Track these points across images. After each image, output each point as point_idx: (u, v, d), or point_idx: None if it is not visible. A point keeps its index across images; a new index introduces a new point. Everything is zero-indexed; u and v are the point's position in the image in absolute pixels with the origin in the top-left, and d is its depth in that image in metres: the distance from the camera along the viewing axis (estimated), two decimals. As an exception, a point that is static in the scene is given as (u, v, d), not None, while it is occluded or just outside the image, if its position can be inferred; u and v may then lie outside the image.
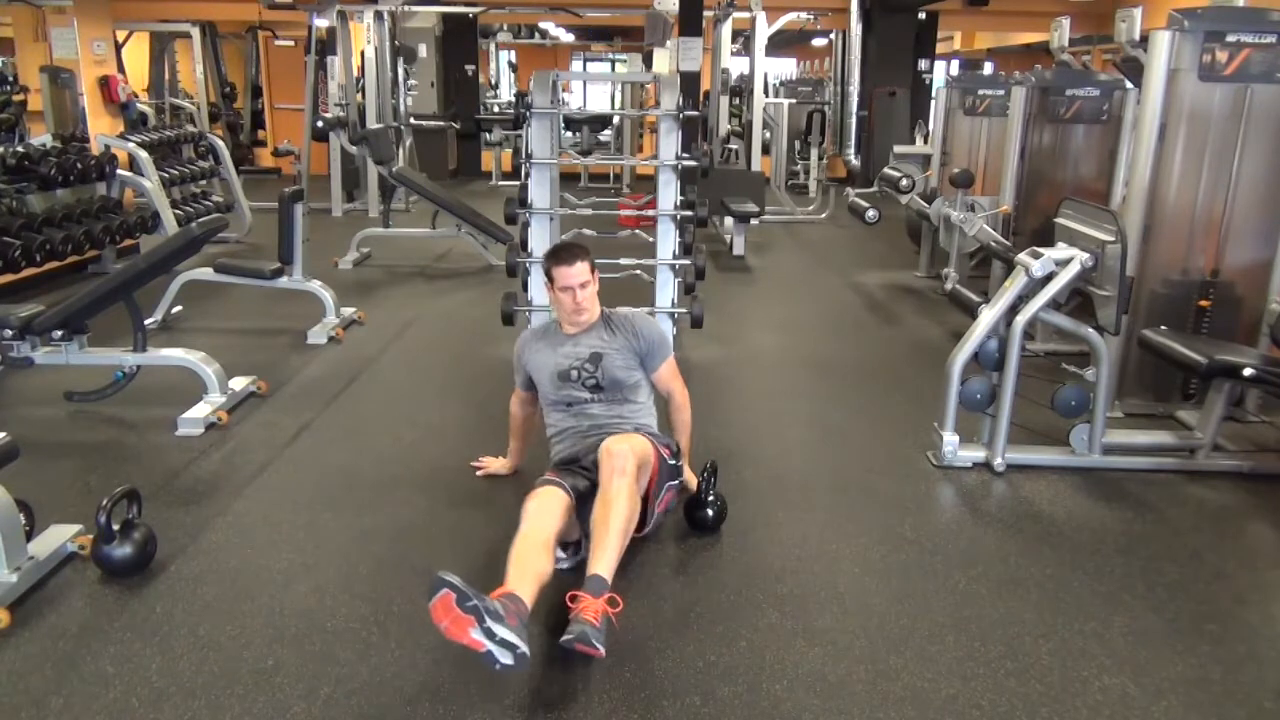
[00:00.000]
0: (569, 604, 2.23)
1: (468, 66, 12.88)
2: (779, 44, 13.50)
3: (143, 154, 6.65)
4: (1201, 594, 2.66)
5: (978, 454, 3.48)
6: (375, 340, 5.05)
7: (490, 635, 2.02)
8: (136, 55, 10.87)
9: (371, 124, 8.71)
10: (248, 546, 2.79)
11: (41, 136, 6.76)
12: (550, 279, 2.89)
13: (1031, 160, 5.50)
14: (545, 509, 2.46)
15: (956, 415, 3.45)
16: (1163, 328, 3.67)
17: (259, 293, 5.58)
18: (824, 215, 9.72)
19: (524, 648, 2.04)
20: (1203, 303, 3.88)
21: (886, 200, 6.89)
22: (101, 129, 6.94)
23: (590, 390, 2.88)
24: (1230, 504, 3.26)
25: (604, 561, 2.30)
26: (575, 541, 2.64)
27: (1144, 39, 3.97)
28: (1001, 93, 6.35)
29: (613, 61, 18.02)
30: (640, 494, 2.53)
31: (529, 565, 2.28)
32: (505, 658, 2.02)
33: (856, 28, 10.95)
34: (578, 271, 2.84)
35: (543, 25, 16.12)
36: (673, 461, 2.81)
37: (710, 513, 2.91)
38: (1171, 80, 3.74)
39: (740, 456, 3.55)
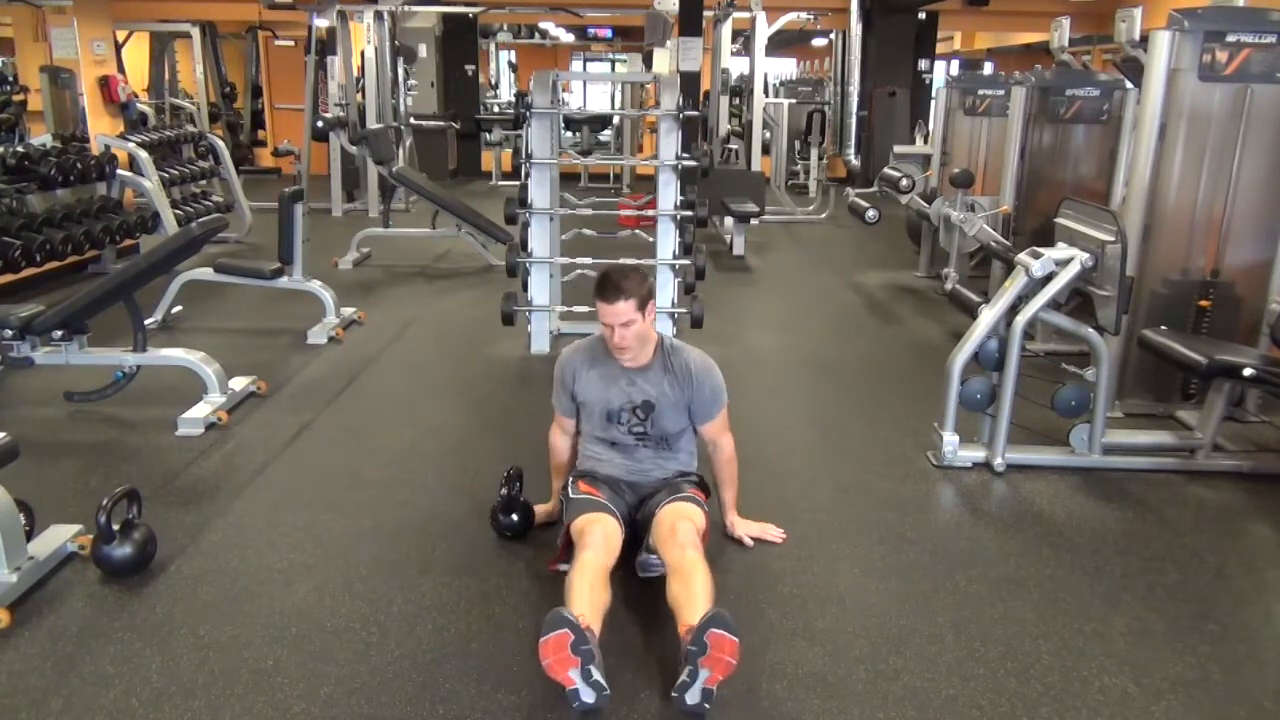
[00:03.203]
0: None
1: (468, 66, 12.88)
2: (779, 44, 13.49)
3: (143, 154, 6.65)
4: (1201, 594, 2.66)
5: (978, 454, 3.48)
6: (375, 340, 5.05)
7: (587, 676, 2.03)
8: (136, 55, 10.87)
9: (371, 124, 8.71)
10: (248, 546, 2.79)
11: (41, 136, 6.77)
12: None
13: (1031, 160, 5.50)
14: (607, 538, 2.40)
15: (956, 415, 3.45)
16: (1163, 328, 3.67)
17: (259, 293, 5.59)
18: (824, 215, 9.72)
19: (608, 690, 2.05)
20: (1203, 303, 3.88)
21: (886, 200, 6.89)
22: (101, 129, 6.94)
23: (636, 437, 2.69)
24: (1230, 504, 3.26)
25: (701, 612, 2.15)
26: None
27: (1144, 39, 3.97)
28: (1001, 93, 6.35)
29: (613, 61, 18.01)
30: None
31: (598, 599, 2.23)
32: (589, 697, 2.03)
33: (856, 28, 10.94)
34: (619, 311, 2.48)
35: (543, 25, 16.12)
36: (706, 507, 2.67)
37: None
38: (1171, 80, 3.74)
39: (740, 457, 3.53)
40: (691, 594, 2.23)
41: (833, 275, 7.12)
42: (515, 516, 2.83)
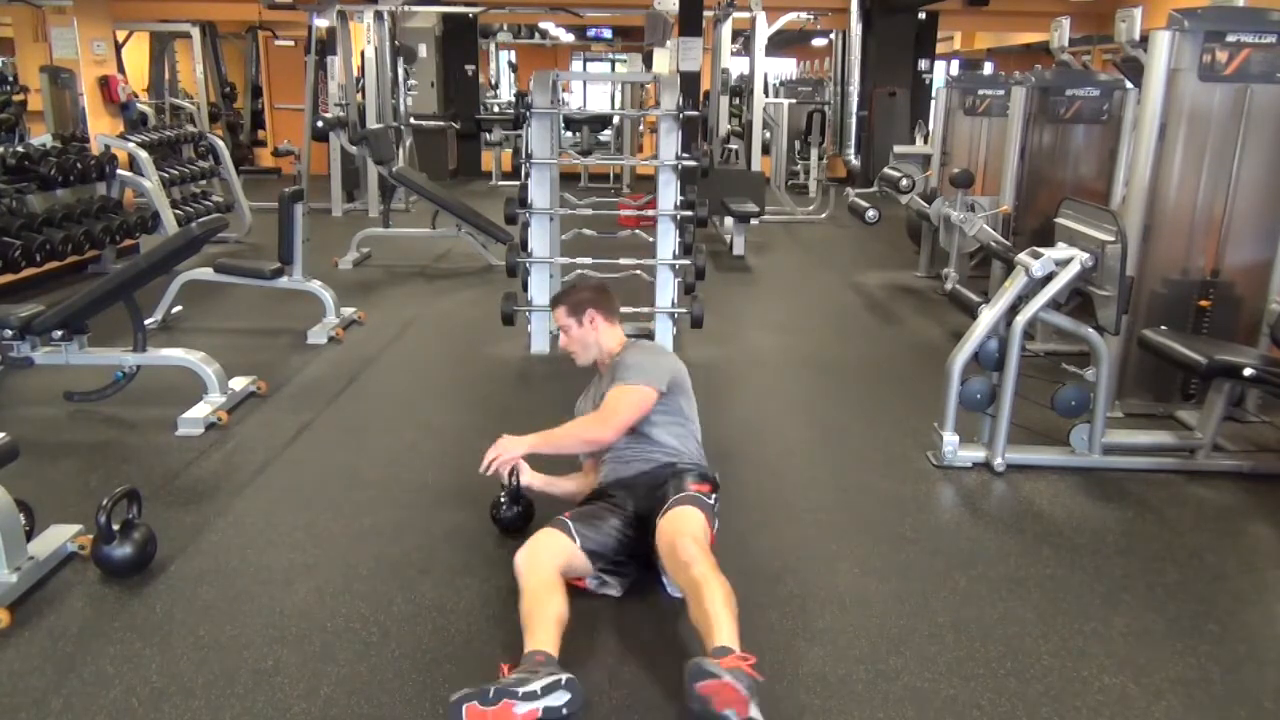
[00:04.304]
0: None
1: (468, 66, 12.88)
2: (779, 44, 13.49)
3: (143, 154, 6.65)
4: (1201, 594, 2.66)
5: (978, 454, 3.48)
6: (375, 340, 5.05)
7: (532, 697, 1.94)
8: (136, 55, 10.87)
9: (371, 124, 8.71)
10: (248, 546, 2.79)
11: (41, 136, 6.77)
12: None
13: (1031, 160, 5.50)
14: (537, 556, 2.36)
15: (956, 415, 3.45)
16: (1163, 328, 3.67)
17: (259, 293, 5.59)
18: (824, 215, 9.72)
19: (564, 675, 1.98)
20: (1203, 303, 3.88)
21: (886, 200, 6.89)
22: (101, 129, 6.94)
23: None
24: (1230, 504, 3.26)
25: (724, 632, 2.07)
26: (621, 562, 2.54)
27: (1144, 39, 3.97)
28: (1001, 93, 6.35)
29: (613, 61, 18.02)
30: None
31: (542, 614, 2.19)
32: (560, 698, 1.96)
33: (856, 28, 10.95)
34: (556, 317, 2.90)
35: (543, 25, 16.12)
36: (711, 500, 2.58)
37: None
38: (1171, 80, 3.74)
39: (740, 456, 3.55)
40: (707, 615, 2.11)
41: (833, 275, 7.12)
42: (519, 508, 2.83)
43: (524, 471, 2.79)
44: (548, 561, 2.35)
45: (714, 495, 2.61)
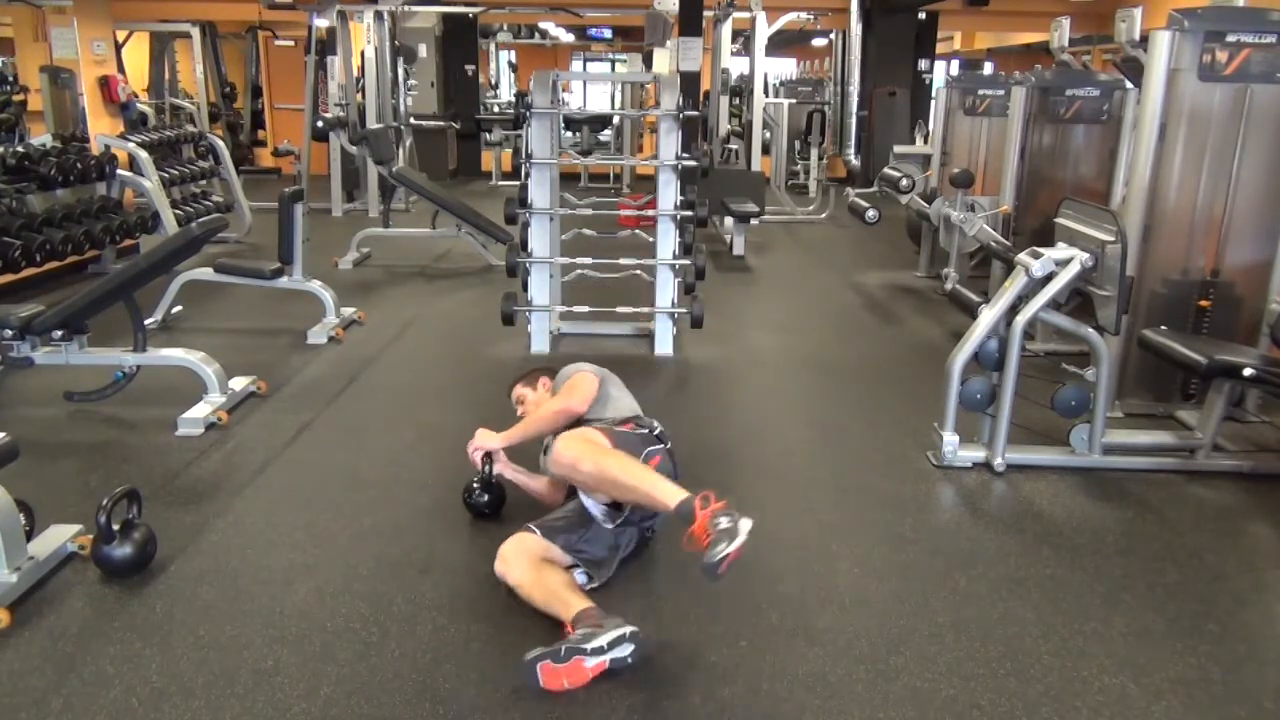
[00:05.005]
0: (687, 547, 2.19)
1: (468, 66, 12.88)
2: (779, 44, 13.49)
3: (143, 154, 6.65)
4: (1201, 594, 2.66)
5: (978, 454, 3.48)
6: (375, 340, 5.05)
7: (600, 652, 2.11)
8: (136, 55, 10.87)
9: (371, 124, 8.71)
10: (248, 546, 2.79)
11: (41, 136, 6.76)
12: None
13: (1031, 160, 5.50)
14: (514, 554, 2.49)
15: (956, 415, 3.45)
16: (1163, 328, 3.67)
17: (259, 293, 5.59)
18: (824, 215, 9.72)
19: (627, 628, 2.15)
20: (1203, 303, 3.88)
21: (886, 200, 6.89)
22: (101, 129, 6.94)
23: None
24: (1230, 504, 3.26)
25: (667, 490, 2.28)
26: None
27: (1144, 39, 3.97)
28: (1001, 93, 6.34)
29: (613, 61, 18.02)
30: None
31: (556, 586, 2.37)
32: (625, 650, 2.13)
33: (856, 28, 10.95)
34: (515, 393, 3.18)
35: (543, 25, 16.12)
36: (643, 431, 2.73)
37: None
38: (1171, 80, 3.74)
39: (740, 457, 3.55)
40: (637, 488, 2.37)
41: (833, 275, 7.12)
42: (490, 495, 2.96)
43: (498, 461, 2.97)
44: (526, 552, 2.48)
45: (645, 431, 2.76)
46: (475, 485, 2.97)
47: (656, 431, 2.77)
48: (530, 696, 2.13)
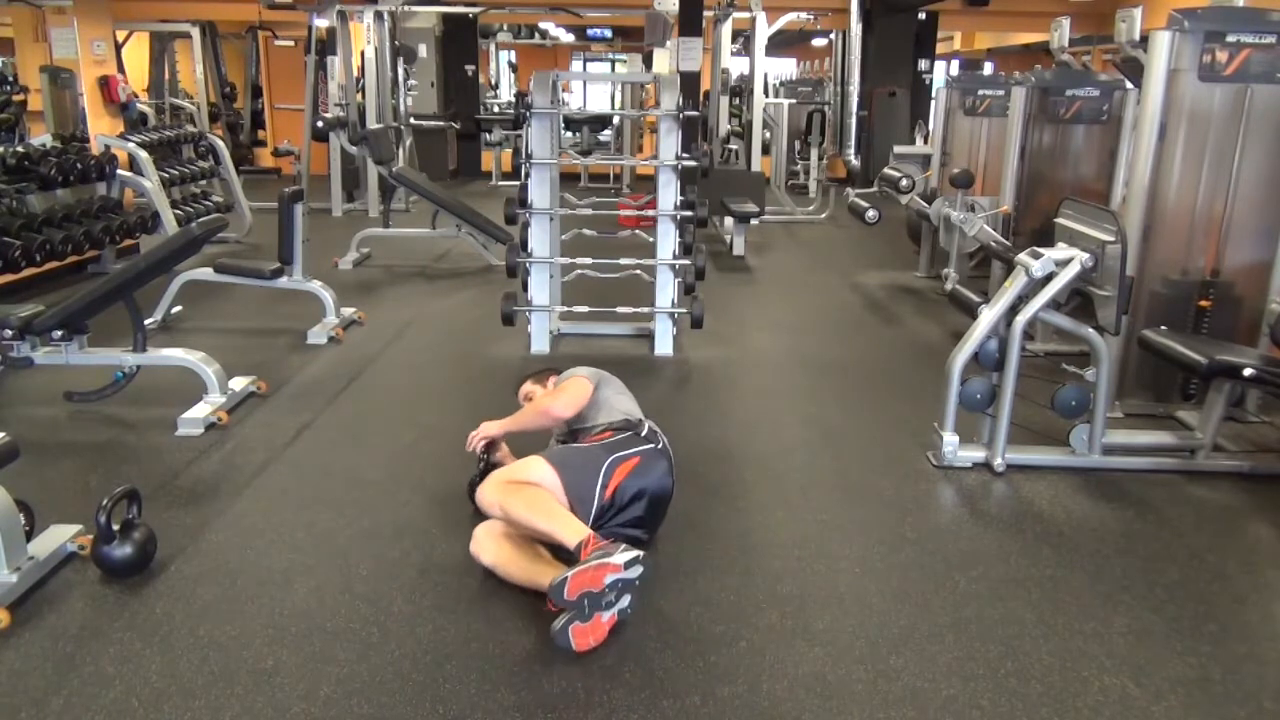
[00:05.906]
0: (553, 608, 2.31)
1: (468, 66, 12.88)
2: (779, 44, 13.50)
3: (143, 154, 6.65)
4: (1201, 594, 2.66)
5: (978, 454, 3.48)
6: (375, 340, 5.05)
7: (619, 570, 2.26)
8: (136, 55, 10.86)
9: (371, 124, 8.71)
10: (248, 546, 2.79)
11: (41, 136, 6.75)
12: None
13: (1031, 160, 5.50)
14: (486, 535, 2.64)
15: (956, 415, 3.45)
16: (1163, 328, 3.67)
17: (259, 293, 5.59)
18: (824, 215, 9.72)
19: (635, 550, 2.31)
20: (1203, 303, 3.88)
21: (886, 200, 6.88)
22: (101, 129, 6.94)
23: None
24: (1230, 504, 3.26)
25: (565, 530, 2.41)
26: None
27: (1144, 39, 3.97)
28: (1001, 93, 6.35)
29: (613, 62, 18.02)
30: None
31: (529, 560, 2.54)
32: (636, 571, 2.29)
33: (856, 28, 10.92)
34: (524, 390, 3.24)
35: (543, 25, 16.12)
36: (622, 435, 2.77)
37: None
38: (1171, 80, 3.74)
39: (740, 456, 3.55)
40: (544, 530, 2.51)
41: (833, 275, 7.12)
42: None
43: (499, 450, 3.10)
44: (496, 533, 2.62)
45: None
46: (476, 478, 3.00)
47: (644, 431, 2.79)
48: (530, 696, 2.13)
